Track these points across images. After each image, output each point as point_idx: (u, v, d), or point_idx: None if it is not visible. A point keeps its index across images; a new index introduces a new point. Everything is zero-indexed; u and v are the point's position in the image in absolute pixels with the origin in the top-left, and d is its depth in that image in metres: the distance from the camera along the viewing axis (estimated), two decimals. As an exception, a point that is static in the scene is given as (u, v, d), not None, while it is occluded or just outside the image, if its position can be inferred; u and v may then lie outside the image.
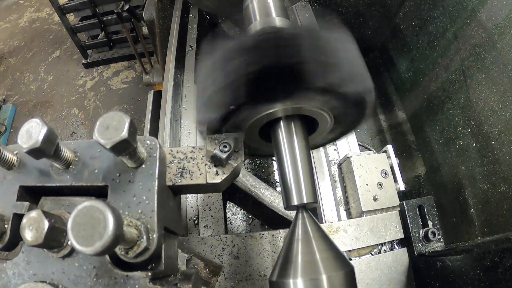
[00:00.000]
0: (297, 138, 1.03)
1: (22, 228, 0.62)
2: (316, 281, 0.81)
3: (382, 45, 2.69)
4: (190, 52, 2.13)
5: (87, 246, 0.50)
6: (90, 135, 4.70)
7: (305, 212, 0.97)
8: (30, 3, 7.29)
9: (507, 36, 1.47)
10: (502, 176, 1.47)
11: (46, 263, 0.73)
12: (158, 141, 0.82)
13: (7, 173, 0.79)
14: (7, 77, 5.86)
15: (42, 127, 0.65)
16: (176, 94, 1.88)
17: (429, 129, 2.10)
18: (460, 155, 1.77)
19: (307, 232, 0.93)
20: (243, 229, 2.58)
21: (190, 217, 1.47)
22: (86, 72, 5.62)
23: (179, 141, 1.72)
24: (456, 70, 1.80)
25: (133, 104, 4.98)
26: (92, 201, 0.53)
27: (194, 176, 0.88)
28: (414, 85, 2.29)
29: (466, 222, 1.67)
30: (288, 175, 1.00)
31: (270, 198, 1.69)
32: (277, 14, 1.22)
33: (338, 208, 1.51)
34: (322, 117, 1.03)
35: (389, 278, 1.34)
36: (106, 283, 0.71)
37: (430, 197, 1.45)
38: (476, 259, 1.09)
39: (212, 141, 0.90)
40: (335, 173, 1.60)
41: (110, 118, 0.64)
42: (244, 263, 1.27)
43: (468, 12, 1.70)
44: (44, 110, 5.24)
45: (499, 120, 1.51)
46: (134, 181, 0.76)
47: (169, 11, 2.40)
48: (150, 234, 0.71)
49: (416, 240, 1.37)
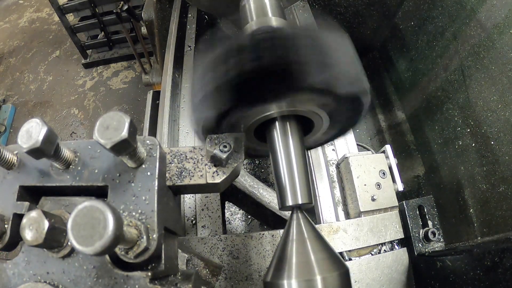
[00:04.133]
0: (293, 138, 1.02)
1: (22, 228, 0.62)
2: (311, 282, 0.81)
3: (381, 45, 2.69)
4: (189, 52, 2.13)
5: (87, 246, 0.50)
6: (90, 135, 4.70)
7: (300, 213, 0.97)
8: (30, 3, 7.29)
9: (506, 36, 1.48)
10: (501, 176, 1.47)
11: (46, 263, 0.73)
12: (158, 141, 0.82)
13: (7, 173, 0.79)
14: (7, 77, 5.86)
15: (42, 127, 0.65)
16: (174, 94, 1.88)
17: (428, 129, 2.10)
18: (459, 155, 1.77)
19: (302, 232, 0.92)
20: (242, 229, 2.58)
21: (188, 217, 1.47)
22: (86, 72, 5.62)
23: (177, 141, 1.72)
24: (455, 70, 1.80)
25: (133, 104, 4.98)
26: (92, 201, 0.53)
27: (194, 176, 0.88)
28: (413, 85, 2.29)
29: (465, 222, 1.67)
30: (283, 175, 1.00)
31: (269, 199, 1.69)
32: (274, 14, 1.21)
33: (336, 209, 1.51)
34: (318, 118, 1.03)
35: (389, 278, 1.34)
36: (106, 283, 0.71)
37: (430, 197, 1.45)
38: (476, 259, 1.09)
39: (212, 141, 0.90)
40: (333, 173, 1.60)
41: (110, 118, 0.64)
42: (244, 263, 1.27)
43: (467, 12, 1.71)
44: (44, 110, 5.24)
45: (498, 120, 1.51)
46: (134, 181, 0.76)
47: (167, 11, 2.40)
48: (150, 234, 0.71)
49: (416, 240, 1.37)
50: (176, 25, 2.19)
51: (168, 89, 1.85)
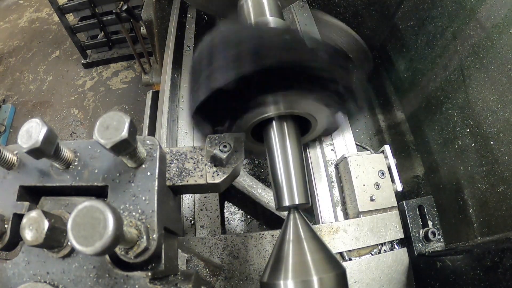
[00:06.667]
0: (290, 138, 1.02)
1: (22, 228, 0.62)
2: (307, 282, 0.81)
3: (380, 45, 2.69)
4: (188, 52, 2.13)
5: (87, 246, 0.51)
6: (90, 135, 4.70)
7: (297, 213, 0.97)
8: (30, 3, 7.29)
9: (506, 36, 1.48)
10: (501, 176, 1.47)
11: (46, 263, 0.73)
12: (158, 141, 0.82)
13: (7, 173, 0.79)
14: (7, 77, 5.86)
15: (42, 127, 0.65)
16: (173, 94, 1.88)
17: (427, 129, 2.10)
18: (458, 155, 1.77)
19: (299, 233, 0.92)
20: (242, 229, 2.58)
21: (187, 217, 1.47)
22: (86, 72, 5.62)
23: (176, 141, 1.72)
24: (455, 70, 1.80)
25: (133, 104, 4.98)
26: (92, 201, 0.53)
27: (194, 176, 0.88)
28: (413, 85, 2.29)
29: (464, 223, 1.67)
30: (280, 175, 0.99)
31: (268, 199, 1.69)
32: (272, 14, 1.22)
33: (335, 209, 1.51)
34: (315, 118, 1.03)
35: (389, 278, 1.34)
36: (106, 283, 0.71)
37: (430, 197, 1.45)
38: (476, 259, 1.09)
39: (212, 141, 0.90)
40: (332, 173, 1.60)
41: (110, 118, 0.64)
42: (244, 263, 1.27)
43: (466, 11, 1.71)
44: (44, 110, 5.24)
45: (498, 120, 1.51)
46: (134, 181, 0.76)
47: (167, 11, 2.40)
48: (150, 234, 0.71)
49: (416, 240, 1.37)
50: (175, 25, 2.19)
51: (167, 89, 1.85)
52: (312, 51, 0.85)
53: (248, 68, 0.80)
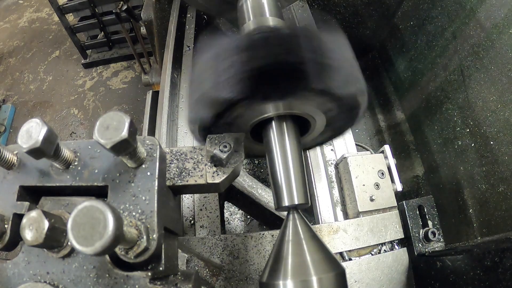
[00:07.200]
0: (289, 138, 1.02)
1: (22, 228, 0.62)
2: (307, 282, 0.81)
3: (380, 45, 2.69)
4: (188, 52, 2.13)
5: (87, 246, 0.50)
6: (90, 135, 4.70)
7: (296, 213, 0.97)
8: (30, 3, 7.28)
9: (505, 36, 1.48)
10: (501, 176, 1.47)
11: (46, 263, 0.73)
12: (158, 141, 0.82)
13: (7, 173, 0.79)
14: (7, 77, 5.85)
15: (42, 127, 0.65)
16: (173, 94, 1.88)
17: (427, 129, 2.10)
18: (458, 155, 1.77)
19: (298, 233, 0.92)
20: (241, 229, 2.58)
21: (187, 217, 1.47)
22: (86, 72, 5.62)
23: (175, 141, 1.72)
24: (455, 70, 1.80)
25: (133, 104, 4.98)
26: (92, 201, 0.53)
27: (194, 176, 0.88)
28: (413, 85, 2.29)
29: (464, 223, 1.67)
30: (279, 175, 0.99)
31: (267, 199, 1.69)
32: (271, 14, 1.21)
33: (334, 209, 1.51)
34: (313, 119, 1.03)
35: (389, 278, 1.34)
36: (106, 283, 0.71)
37: (430, 197, 1.45)
38: (476, 259, 1.09)
39: (212, 141, 0.90)
40: (332, 173, 1.60)
41: (110, 118, 0.64)
42: (244, 263, 1.27)
43: (466, 11, 1.71)
44: (44, 110, 5.24)
45: (497, 120, 1.51)
46: (134, 181, 0.76)
47: (166, 11, 2.40)
48: (150, 234, 0.71)
49: (416, 240, 1.37)
50: (175, 25, 2.19)
51: (167, 89, 1.85)
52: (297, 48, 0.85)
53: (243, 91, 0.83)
